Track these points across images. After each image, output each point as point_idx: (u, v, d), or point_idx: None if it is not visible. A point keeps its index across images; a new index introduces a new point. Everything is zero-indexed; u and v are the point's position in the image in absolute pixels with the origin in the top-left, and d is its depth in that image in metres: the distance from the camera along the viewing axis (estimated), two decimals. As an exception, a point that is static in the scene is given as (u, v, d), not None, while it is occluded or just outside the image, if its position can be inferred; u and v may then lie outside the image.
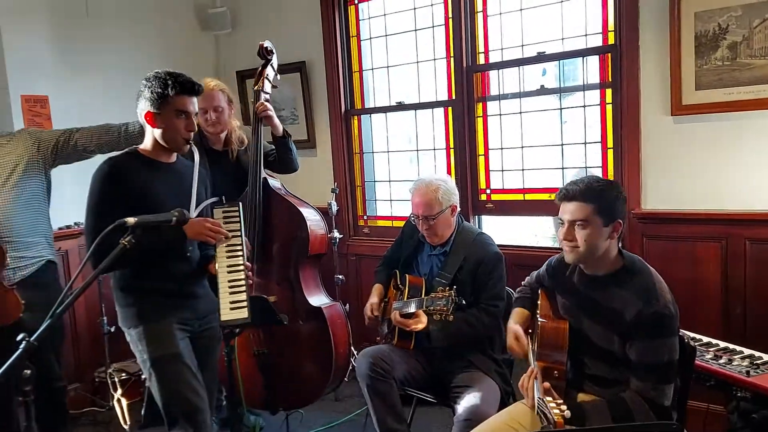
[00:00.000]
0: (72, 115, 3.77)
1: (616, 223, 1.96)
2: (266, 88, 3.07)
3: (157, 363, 2.23)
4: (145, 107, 2.21)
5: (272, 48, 3.09)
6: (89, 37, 3.95)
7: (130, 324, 2.26)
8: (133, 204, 2.13)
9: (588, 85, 3.36)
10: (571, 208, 1.98)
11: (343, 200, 4.22)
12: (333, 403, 3.63)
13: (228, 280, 2.25)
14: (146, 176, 2.24)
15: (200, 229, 2.21)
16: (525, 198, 3.64)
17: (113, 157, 2.25)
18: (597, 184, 1.98)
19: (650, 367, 1.89)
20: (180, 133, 2.23)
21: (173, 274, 2.28)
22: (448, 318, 2.42)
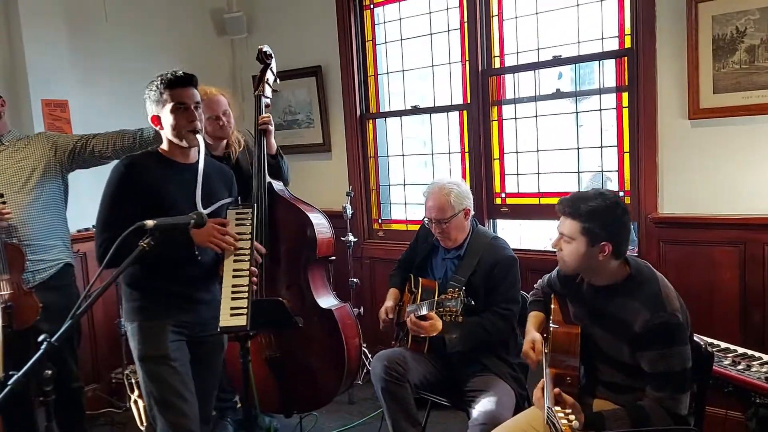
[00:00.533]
0: (91, 119, 3.83)
1: (604, 245, 1.94)
2: (267, 92, 3.09)
3: (144, 361, 2.25)
4: (149, 112, 2.27)
5: (271, 52, 3.11)
6: (108, 43, 4.01)
7: (129, 318, 2.30)
8: (146, 202, 2.16)
9: (604, 88, 3.35)
10: (563, 222, 2.02)
11: (357, 204, 4.24)
12: (347, 406, 3.63)
13: (232, 285, 2.20)
14: (161, 175, 2.25)
15: (208, 237, 2.18)
16: (540, 202, 3.63)
17: (131, 155, 2.29)
18: (592, 203, 1.95)
19: (664, 377, 1.88)
20: (183, 126, 2.23)
21: (180, 276, 2.28)
22: (458, 319, 2.42)
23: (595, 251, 1.95)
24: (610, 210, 1.95)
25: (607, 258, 1.96)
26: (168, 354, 2.24)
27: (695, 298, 2.81)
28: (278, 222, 3.04)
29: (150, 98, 2.26)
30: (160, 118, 2.25)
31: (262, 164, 3.02)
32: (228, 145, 3.13)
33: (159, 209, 2.08)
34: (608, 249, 1.94)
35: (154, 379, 2.25)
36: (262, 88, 3.10)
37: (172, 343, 2.27)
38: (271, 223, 3.02)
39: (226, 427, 3.31)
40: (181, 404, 2.24)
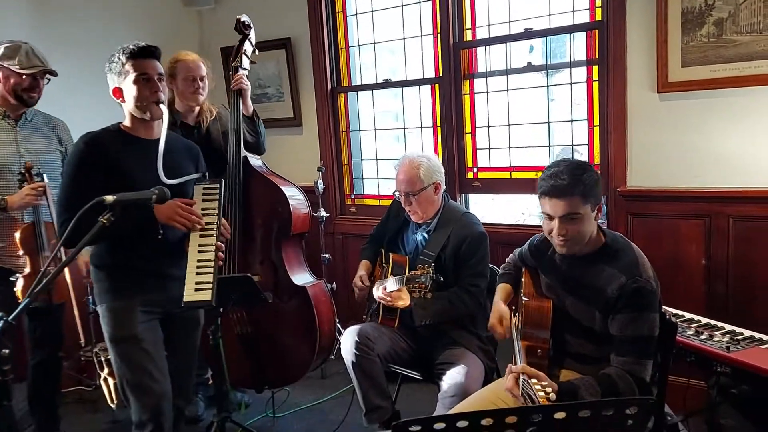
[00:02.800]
0: (54, 92, 3.70)
1: (600, 206, 1.97)
2: (244, 63, 3.04)
3: (114, 342, 2.24)
4: (111, 85, 2.22)
5: (250, 22, 3.05)
6: (73, 14, 3.89)
7: (98, 300, 2.27)
8: (108, 179, 2.11)
9: (575, 62, 3.35)
10: (561, 203, 1.91)
11: (329, 179, 4.20)
12: (319, 381, 3.65)
13: (197, 260, 2.18)
14: (122, 150, 2.20)
15: (171, 214, 2.14)
16: (512, 176, 3.64)
17: (91, 132, 2.23)
18: (578, 172, 1.92)
19: (631, 341, 1.90)
20: (147, 98, 2.19)
21: (143, 253, 2.24)
22: (427, 295, 2.42)
23: (593, 215, 1.96)
24: (589, 174, 1.93)
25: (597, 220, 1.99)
26: (137, 335, 2.22)
27: (662, 270, 2.81)
28: (252, 196, 3.01)
29: (112, 71, 2.20)
30: (122, 91, 2.20)
31: (239, 131, 2.97)
32: (200, 113, 3.08)
33: (122, 186, 2.02)
34: (601, 208, 1.97)
35: (125, 360, 2.24)
36: (240, 59, 3.05)
37: (142, 323, 2.25)
38: (246, 197, 2.99)
39: (198, 403, 3.31)
40: (152, 384, 2.24)
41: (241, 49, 3.04)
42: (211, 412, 3.10)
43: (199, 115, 3.10)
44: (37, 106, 3.61)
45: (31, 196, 2.64)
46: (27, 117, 2.83)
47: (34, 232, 2.75)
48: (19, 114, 2.80)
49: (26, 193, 2.64)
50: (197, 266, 2.18)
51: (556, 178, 1.91)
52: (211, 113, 3.13)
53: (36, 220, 2.75)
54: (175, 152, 2.33)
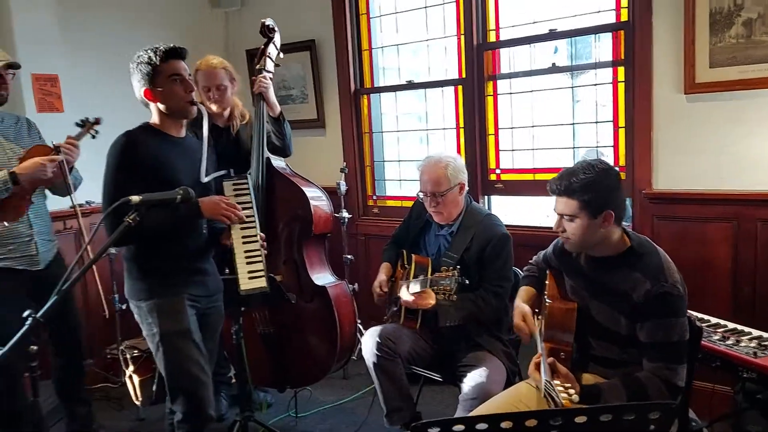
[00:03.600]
0: (82, 93, 3.79)
1: (606, 213, 1.92)
2: (268, 66, 3.06)
3: (166, 337, 2.26)
4: (141, 87, 2.24)
5: (274, 26, 3.07)
6: (98, 14, 3.96)
7: (140, 297, 2.28)
8: (148, 176, 2.16)
9: (600, 63, 3.31)
10: (559, 202, 1.98)
11: (352, 180, 4.22)
12: (341, 381, 3.66)
13: (244, 251, 2.30)
14: (160, 149, 2.25)
15: (217, 210, 2.24)
16: (535, 178, 3.61)
17: (129, 131, 2.26)
18: (583, 176, 1.92)
19: (661, 347, 1.87)
20: (181, 98, 2.24)
21: (187, 250, 2.31)
22: (452, 297, 2.42)
23: (598, 222, 1.93)
24: (602, 178, 1.93)
25: (610, 226, 1.94)
26: (189, 328, 2.27)
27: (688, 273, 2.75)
28: (275, 197, 3.03)
29: (141, 72, 2.22)
30: (153, 92, 2.23)
31: (262, 140, 2.99)
32: (231, 118, 3.12)
33: (159, 183, 2.09)
34: (611, 217, 1.92)
35: (178, 354, 2.26)
36: (264, 62, 3.06)
37: (191, 317, 2.31)
38: (268, 198, 3.01)
39: (221, 401, 3.33)
40: (202, 375, 2.28)
41: (265, 52, 3.06)
42: (234, 411, 3.13)
43: (230, 119, 3.13)
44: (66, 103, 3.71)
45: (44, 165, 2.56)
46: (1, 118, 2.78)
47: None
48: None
49: (41, 161, 2.56)
50: (246, 257, 2.33)
51: (560, 179, 1.96)
52: (243, 118, 3.16)
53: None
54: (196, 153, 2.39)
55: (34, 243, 2.73)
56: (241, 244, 2.32)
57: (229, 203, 2.28)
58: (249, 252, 2.31)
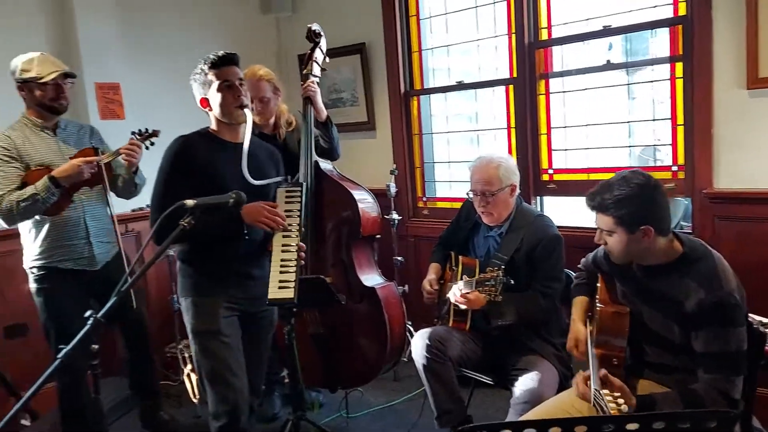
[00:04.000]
0: (142, 100, 3.93)
1: (645, 229, 1.86)
2: (315, 71, 3.09)
3: (197, 336, 2.33)
4: (198, 96, 2.33)
5: (320, 31, 3.10)
6: (156, 24, 4.10)
7: (182, 294, 2.38)
8: (197, 180, 2.22)
9: (657, 59, 3.21)
10: (597, 217, 1.96)
11: (402, 182, 4.22)
12: (392, 383, 3.67)
13: (280, 259, 2.27)
14: (212, 154, 2.31)
15: (257, 216, 2.25)
16: (589, 178, 3.53)
17: (184, 135, 2.34)
18: (617, 192, 1.87)
19: (718, 358, 1.80)
20: (230, 104, 2.29)
21: (229, 253, 2.34)
22: (497, 297, 2.39)
23: (637, 237, 1.88)
24: (637, 194, 1.87)
25: (653, 239, 1.88)
26: (220, 329, 2.32)
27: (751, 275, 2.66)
28: (323, 200, 3.06)
29: (197, 81, 2.32)
30: (208, 100, 2.31)
31: (310, 137, 3.02)
32: (277, 126, 3.17)
33: (211, 187, 2.14)
34: (650, 232, 1.87)
35: (206, 354, 2.33)
36: (311, 67, 3.10)
37: (224, 318, 2.34)
38: (317, 201, 3.05)
39: (274, 401, 3.39)
40: (230, 378, 2.31)
41: (312, 57, 3.10)
42: (287, 411, 3.18)
43: (276, 127, 3.18)
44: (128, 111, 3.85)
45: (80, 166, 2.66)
46: (61, 126, 2.92)
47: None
48: (54, 124, 2.89)
49: (77, 162, 2.67)
50: (281, 265, 2.28)
51: (597, 193, 1.94)
52: (290, 125, 3.20)
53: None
54: (258, 156, 2.43)
55: (89, 244, 2.84)
56: (279, 252, 2.30)
57: (271, 210, 2.27)
58: (285, 261, 2.28)
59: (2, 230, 3.22)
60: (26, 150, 2.78)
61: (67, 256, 2.84)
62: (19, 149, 2.77)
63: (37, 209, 2.69)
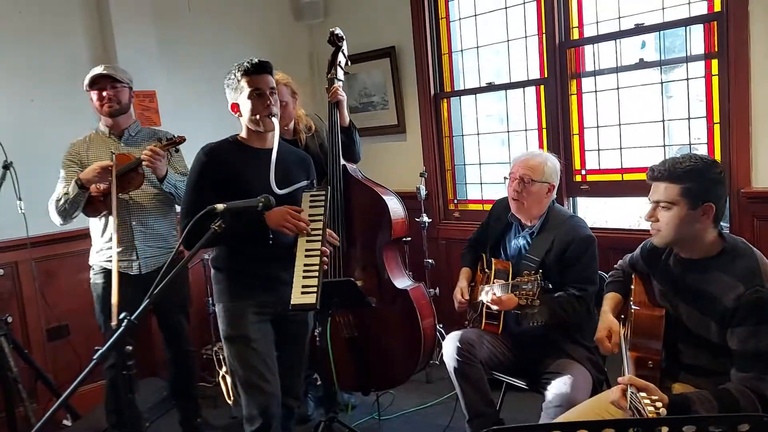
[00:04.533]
0: (178, 108, 4.02)
1: (706, 206, 1.82)
2: (339, 75, 3.13)
3: (228, 341, 2.38)
4: (229, 101, 2.37)
5: (342, 34, 3.13)
6: (191, 33, 4.18)
7: (216, 300, 2.45)
8: (225, 187, 2.26)
9: (692, 56, 3.15)
10: (657, 189, 1.89)
11: (432, 184, 4.22)
12: (424, 385, 3.66)
13: (303, 264, 2.26)
14: (240, 160, 2.35)
15: (280, 221, 2.25)
16: (623, 178, 3.47)
17: (211, 143, 2.39)
18: (688, 163, 1.84)
19: (753, 356, 1.75)
20: (260, 111, 2.32)
21: (257, 256, 2.37)
22: (534, 302, 2.36)
23: (696, 215, 1.84)
24: (708, 168, 1.84)
25: (708, 223, 1.85)
26: (248, 335, 2.35)
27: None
28: (353, 203, 3.09)
29: (229, 87, 2.36)
30: (239, 106, 2.35)
31: (337, 148, 3.06)
32: (297, 131, 3.20)
33: (238, 194, 2.17)
34: (711, 211, 1.83)
35: (237, 358, 2.37)
36: (335, 71, 3.14)
37: (253, 324, 2.37)
38: (346, 205, 3.07)
39: (308, 402, 3.43)
40: (261, 383, 2.34)
41: (335, 61, 3.13)
42: (320, 413, 3.21)
43: (296, 133, 3.20)
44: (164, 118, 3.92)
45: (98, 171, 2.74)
46: (131, 132, 3.01)
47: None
48: (121, 130, 2.99)
49: (96, 165, 2.76)
50: (303, 270, 2.26)
51: (663, 163, 1.88)
52: (309, 130, 3.22)
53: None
54: (287, 162, 2.45)
55: (134, 249, 2.91)
56: (303, 256, 2.28)
57: (295, 215, 2.27)
58: (308, 266, 2.25)
59: (41, 236, 3.34)
60: (87, 155, 2.94)
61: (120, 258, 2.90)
62: (80, 155, 2.94)
63: (73, 208, 2.82)
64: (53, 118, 3.55)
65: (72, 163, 2.93)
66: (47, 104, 3.56)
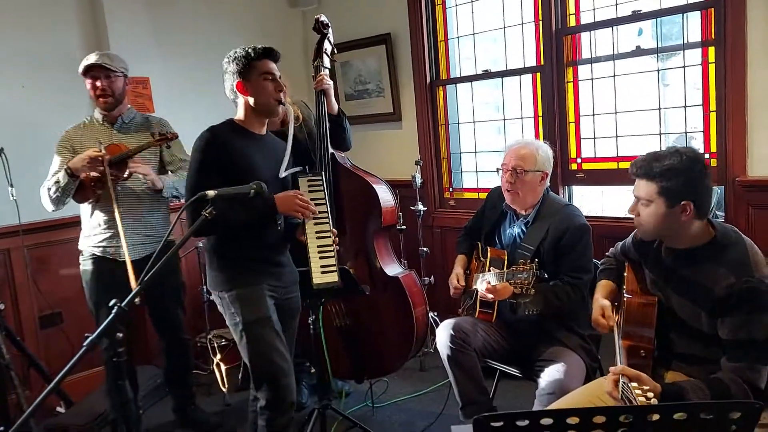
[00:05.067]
0: (171, 94, 3.99)
1: (685, 204, 1.81)
2: (325, 62, 3.10)
3: (248, 326, 2.33)
4: (233, 80, 2.33)
5: (327, 21, 3.11)
6: (185, 19, 4.14)
7: (223, 288, 2.37)
8: (231, 170, 2.24)
9: (688, 43, 3.13)
10: (638, 185, 1.90)
11: (428, 172, 4.20)
12: (418, 373, 3.67)
13: (317, 245, 2.35)
14: (243, 144, 2.34)
15: (291, 205, 2.29)
16: (619, 167, 3.46)
17: (213, 126, 2.36)
18: (668, 161, 1.82)
19: (744, 345, 1.75)
20: (271, 95, 2.33)
21: (265, 242, 2.38)
22: (530, 291, 2.36)
23: (675, 212, 1.83)
24: (688, 167, 1.82)
25: (690, 218, 1.84)
26: (270, 317, 2.35)
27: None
28: (343, 192, 3.08)
29: (234, 68, 2.32)
30: (244, 85, 2.32)
31: (324, 131, 3.03)
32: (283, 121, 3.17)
33: (242, 178, 2.16)
34: (690, 208, 1.82)
35: (260, 342, 2.33)
36: (321, 59, 3.12)
37: (271, 307, 2.38)
38: (336, 193, 3.06)
39: (302, 391, 3.42)
40: (283, 363, 2.35)
41: (321, 49, 3.11)
42: (314, 400, 3.21)
43: (284, 124, 3.18)
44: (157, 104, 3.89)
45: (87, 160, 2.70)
46: (124, 120, 2.99)
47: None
48: (114, 117, 2.97)
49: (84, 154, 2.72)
50: (319, 251, 2.37)
51: (646, 160, 1.88)
52: (297, 120, 3.20)
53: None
54: (278, 150, 2.48)
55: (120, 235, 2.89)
56: (315, 239, 2.36)
57: (302, 198, 2.32)
58: (322, 247, 2.36)
59: (32, 223, 3.32)
60: (81, 142, 2.92)
61: (100, 244, 2.90)
62: (73, 141, 2.93)
63: (64, 195, 2.80)
64: (45, 105, 3.51)
65: (64, 150, 2.91)
66: (39, 91, 3.52)
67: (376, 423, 3.17)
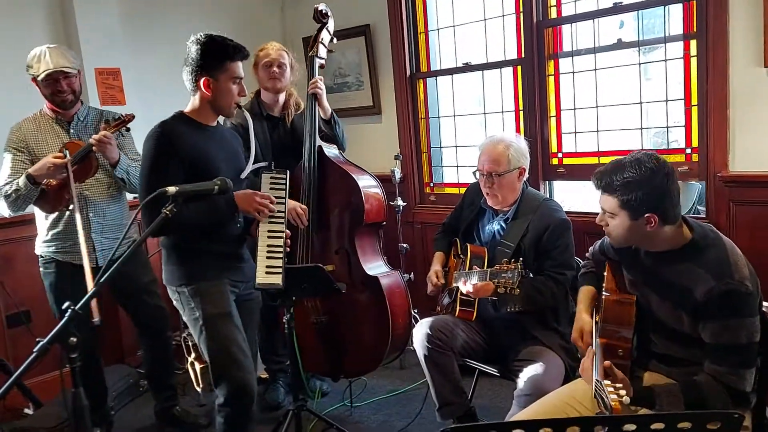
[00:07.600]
0: (143, 85, 3.88)
1: (649, 217, 1.76)
2: (321, 53, 3.03)
3: (209, 321, 2.27)
4: (198, 74, 2.23)
5: (327, 11, 3.03)
6: (157, 7, 4.03)
7: (182, 282, 2.31)
8: (188, 165, 2.18)
9: (670, 36, 3.08)
10: (601, 197, 1.87)
11: (408, 167, 4.13)
12: (398, 372, 3.61)
13: (267, 245, 2.27)
14: (197, 138, 2.27)
15: (250, 203, 2.24)
16: (600, 162, 3.42)
17: (164, 121, 2.28)
18: (628, 174, 1.77)
19: (727, 350, 1.71)
20: (233, 99, 2.29)
21: (226, 236, 2.34)
22: (514, 291, 2.29)
23: (640, 224, 1.79)
24: (647, 179, 1.76)
25: (656, 228, 1.79)
26: (231, 311, 2.31)
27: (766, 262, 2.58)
28: (327, 186, 3.01)
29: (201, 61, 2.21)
30: (210, 83, 2.24)
31: (313, 129, 2.99)
32: (286, 106, 3.13)
33: (202, 173, 2.11)
34: (654, 220, 1.77)
35: (219, 336, 2.27)
36: (317, 48, 3.05)
37: (232, 302, 2.34)
38: (320, 187, 2.99)
39: (278, 389, 3.36)
40: (243, 359, 2.29)
41: (318, 39, 3.04)
42: (290, 400, 3.13)
43: (285, 108, 3.14)
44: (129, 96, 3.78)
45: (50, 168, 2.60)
46: (79, 117, 2.88)
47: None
48: (70, 116, 2.85)
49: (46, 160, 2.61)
50: (267, 251, 2.28)
51: (605, 173, 1.83)
52: (298, 107, 3.16)
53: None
54: (233, 143, 2.45)
55: (91, 241, 2.80)
56: (266, 238, 2.28)
57: (263, 197, 2.26)
58: (272, 247, 2.27)
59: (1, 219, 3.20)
60: (36, 142, 2.79)
61: (67, 249, 2.81)
62: (28, 141, 2.79)
63: (24, 203, 2.70)
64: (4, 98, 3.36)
65: (18, 151, 2.77)
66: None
67: (353, 423, 3.11)
